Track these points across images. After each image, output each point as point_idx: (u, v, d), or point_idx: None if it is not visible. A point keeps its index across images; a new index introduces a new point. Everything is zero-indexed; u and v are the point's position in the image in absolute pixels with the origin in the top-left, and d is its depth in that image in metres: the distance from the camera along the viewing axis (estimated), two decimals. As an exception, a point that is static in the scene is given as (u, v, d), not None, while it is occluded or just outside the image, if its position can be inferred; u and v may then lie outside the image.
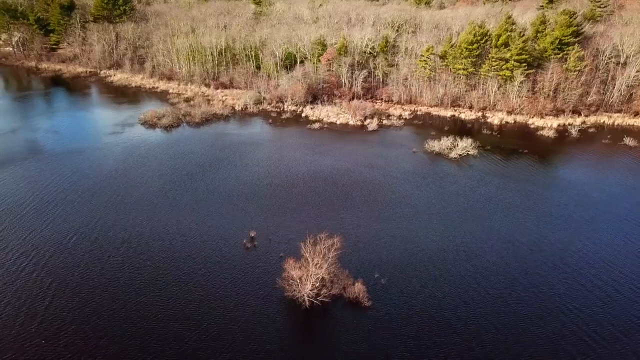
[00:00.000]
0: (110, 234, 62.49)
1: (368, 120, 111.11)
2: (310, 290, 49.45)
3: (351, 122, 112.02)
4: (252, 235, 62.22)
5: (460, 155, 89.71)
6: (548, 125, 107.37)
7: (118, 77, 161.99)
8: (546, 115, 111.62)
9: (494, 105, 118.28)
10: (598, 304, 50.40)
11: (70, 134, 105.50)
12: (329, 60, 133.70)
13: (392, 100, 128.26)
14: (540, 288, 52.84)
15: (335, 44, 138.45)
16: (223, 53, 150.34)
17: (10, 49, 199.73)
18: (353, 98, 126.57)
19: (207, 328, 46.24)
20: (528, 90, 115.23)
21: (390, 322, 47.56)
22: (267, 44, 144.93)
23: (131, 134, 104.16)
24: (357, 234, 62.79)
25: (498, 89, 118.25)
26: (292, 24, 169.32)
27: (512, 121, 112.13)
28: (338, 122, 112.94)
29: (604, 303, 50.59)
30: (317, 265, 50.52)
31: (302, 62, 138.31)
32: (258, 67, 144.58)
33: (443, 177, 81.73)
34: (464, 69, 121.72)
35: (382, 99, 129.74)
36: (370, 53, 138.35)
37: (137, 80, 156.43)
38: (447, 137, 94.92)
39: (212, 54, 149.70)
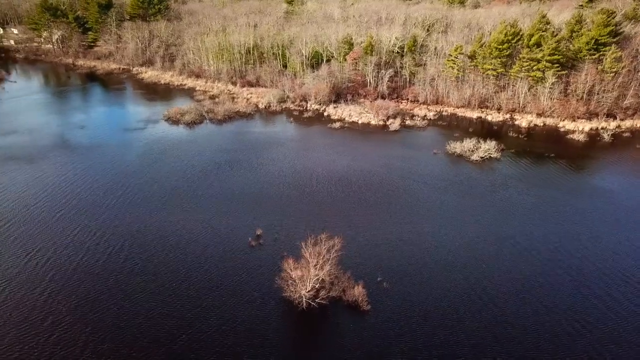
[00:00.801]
0: (116, 229, 62.61)
1: (390, 120, 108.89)
2: (308, 292, 48.21)
3: (373, 122, 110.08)
4: (259, 233, 61.43)
5: (482, 157, 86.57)
6: (579, 128, 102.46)
7: (149, 74, 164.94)
8: (578, 118, 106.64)
9: (524, 107, 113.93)
10: (614, 320, 47.18)
11: (96, 128, 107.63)
12: (355, 59, 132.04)
13: (417, 101, 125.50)
14: (553, 300, 49.87)
15: (362, 43, 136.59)
16: (251, 51, 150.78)
17: (50, 46, 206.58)
18: (378, 98, 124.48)
19: (200, 327, 45.43)
20: (560, 92, 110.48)
21: (388, 329, 45.70)
22: (294, 42, 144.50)
23: (154, 130, 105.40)
24: (366, 236, 61.13)
25: (528, 91, 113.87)
26: (321, 23, 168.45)
27: (541, 124, 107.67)
28: (360, 122, 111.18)
29: (620, 319, 47.32)
30: (317, 266, 49.23)
31: (328, 61, 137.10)
32: (285, 66, 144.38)
33: (462, 180, 78.91)
34: (493, 70, 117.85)
35: (407, 99, 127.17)
36: (397, 52, 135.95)
37: (167, 77, 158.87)
38: (470, 138, 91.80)
39: (239, 52, 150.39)
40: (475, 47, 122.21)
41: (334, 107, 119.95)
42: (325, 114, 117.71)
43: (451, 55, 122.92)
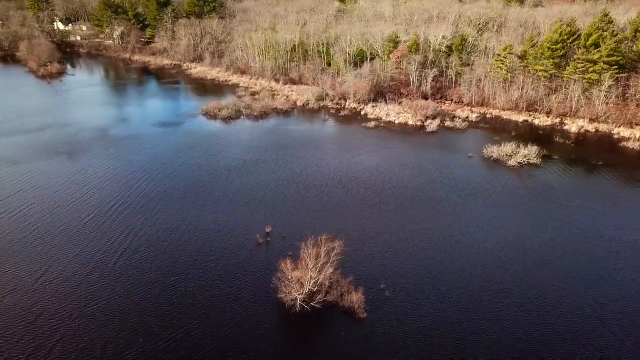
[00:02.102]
0: (125, 221, 62.87)
1: (429, 121, 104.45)
2: (302, 294, 46.06)
3: (410, 122, 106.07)
4: (268, 230, 59.94)
5: (519, 163, 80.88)
6: (636, 136, 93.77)
7: (197, 69, 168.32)
8: (636, 124, 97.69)
9: (576, 111, 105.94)
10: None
11: (137, 120, 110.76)
12: (398, 57, 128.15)
13: (462, 102, 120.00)
14: (573, 329, 45.00)
15: (407, 41, 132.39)
16: (296, 49, 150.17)
17: (111, 41, 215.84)
18: (421, 97, 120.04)
19: (191, 325, 44.21)
20: (617, 96, 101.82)
21: (381, 341, 42.58)
22: (339, 40, 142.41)
23: (190, 123, 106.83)
24: (378, 241, 58.11)
25: (582, 94, 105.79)
26: (371, 21, 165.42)
27: (593, 130, 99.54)
28: (397, 122, 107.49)
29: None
30: (314, 268, 47.03)
31: (372, 59, 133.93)
32: (329, 64, 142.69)
33: (495, 186, 73.85)
34: (544, 71, 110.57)
35: (451, 100, 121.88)
36: (444, 51, 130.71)
37: (214, 73, 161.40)
38: (510, 142, 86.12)
39: (285, 50, 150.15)
40: (526, 47, 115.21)
41: (373, 106, 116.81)
42: (362, 112, 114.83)
43: (500, 55, 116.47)
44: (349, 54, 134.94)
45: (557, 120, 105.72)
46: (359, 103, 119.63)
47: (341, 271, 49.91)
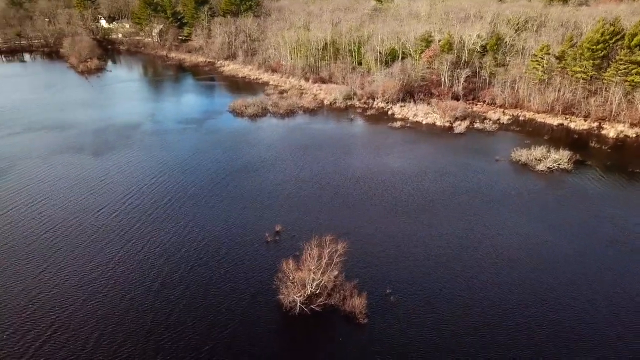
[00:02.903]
0: (135, 215, 62.92)
1: (457, 122, 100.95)
2: (302, 296, 44.60)
3: (438, 123, 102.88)
4: (277, 229, 58.77)
5: (549, 168, 76.77)
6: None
7: (230, 67, 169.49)
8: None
9: (616, 115, 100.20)
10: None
11: (165, 115, 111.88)
12: (430, 57, 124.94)
13: (494, 103, 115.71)
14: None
15: (441, 40, 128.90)
16: (327, 48, 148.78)
17: (150, 39, 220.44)
18: (452, 98, 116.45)
19: (181, 326, 43.55)
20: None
21: (379, 350, 40.52)
22: (371, 39, 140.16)
23: (216, 120, 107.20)
24: (388, 245, 55.93)
25: (623, 97, 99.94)
26: (405, 20, 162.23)
27: (634, 135, 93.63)
28: (424, 122, 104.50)
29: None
30: (316, 270, 45.51)
31: (403, 58, 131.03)
32: (360, 63, 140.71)
33: (521, 192, 70.19)
34: (583, 72, 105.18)
35: (484, 101, 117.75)
36: (478, 51, 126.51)
37: (246, 71, 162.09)
38: (541, 146, 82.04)
39: (316, 48, 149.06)
40: (564, 47, 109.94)
41: (401, 106, 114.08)
42: (390, 112, 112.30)
43: (536, 56, 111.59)
44: (380, 53, 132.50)
45: (595, 124, 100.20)
46: (387, 103, 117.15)
47: (347, 274, 48.31)
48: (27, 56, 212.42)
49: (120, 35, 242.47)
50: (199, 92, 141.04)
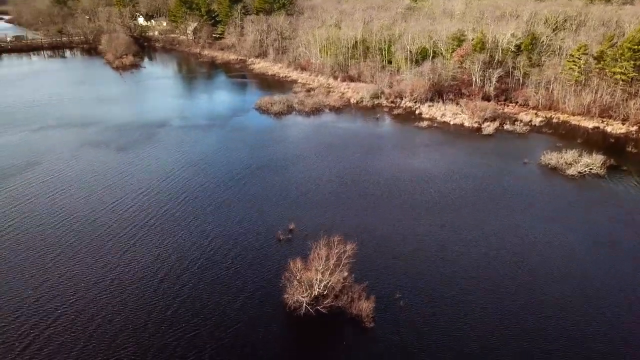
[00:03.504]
0: (147, 210, 62.96)
1: (486, 124, 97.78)
2: (308, 297, 43.46)
3: (466, 124, 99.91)
4: (291, 227, 57.82)
5: (580, 173, 73.19)
6: None
7: (260, 65, 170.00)
8: None
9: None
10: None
11: (192, 112, 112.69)
12: (462, 56, 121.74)
13: (527, 105, 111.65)
14: None
15: (474, 39, 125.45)
16: (357, 46, 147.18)
17: (184, 37, 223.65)
18: (483, 99, 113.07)
19: (185, 326, 43.06)
20: None
21: (385, 356, 39.06)
22: (402, 38, 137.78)
23: (241, 117, 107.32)
24: (403, 248, 54.10)
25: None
26: (439, 18, 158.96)
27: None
28: (452, 123, 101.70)
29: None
30: (325, 271, 44.31)
31: (434, 57, 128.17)
32: (390, 62, 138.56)
33: (549, 197, 67.06)
34: (623, 74, 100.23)
35: (516, 102, 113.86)
36: (512, 51, 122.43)
37: (275, 69, 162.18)
38: (573, 150, 78.41)
39: (346, 47, 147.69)
40: (604, 47, 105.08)
41: (429, 106, 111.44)
42: (417, 112, 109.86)
43: (573, 56, 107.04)
44: (410, 51, 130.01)
45: (634, 128, 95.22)
46: (415, 102, 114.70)
47: (357, 275, 46.92)
48: (67, 52, 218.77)
49: (156, 33, 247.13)
50: (227, 89, 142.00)
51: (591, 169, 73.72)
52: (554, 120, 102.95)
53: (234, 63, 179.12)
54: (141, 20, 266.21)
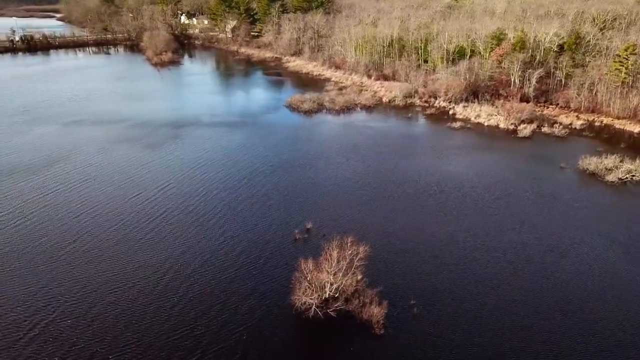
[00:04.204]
0: (164, 205, 62.98)
1: (522, 126, 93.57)
2: (317, 299, 41.95)
3: (502, 125, 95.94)
4: (308, 227, 56.47)
5: (620, 179, 68.69)
6: None
7: (295, 63, 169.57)
8: None
9: None
10: None
11: (223, 108, 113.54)
12: (500, 55, 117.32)
13: (568, 107, 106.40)
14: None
15: (513, 38, 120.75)
16: (393, 44, 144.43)
17: (223, 35, 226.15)
18: (521, 100, 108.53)
19: (192, 325, 42.34)
20: None
21: (394, 362, 37.28)
22: (438, 36, 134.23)
23: (271, 115, 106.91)
24: (424, 254, 51.62)
25: None
26: (479, 17, 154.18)
27: None
28: (486, 124, 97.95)
29: None
30: (336, 273, 42.73)
31: (471, 56, 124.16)
32: (426, 61, 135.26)
33: (585, 205, 63.12)
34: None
35: (556, 104, 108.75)
36: (555, 51, 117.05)
37: (310, 67, 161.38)
38: (615, 155, 73.83)
39: (381, 45, 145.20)
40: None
41: (464, 106, 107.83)
42: (451, 112, 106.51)
43: (619, 56, 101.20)
44: (447, 50, 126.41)
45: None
46: (449, 102, 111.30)
47: (371, 279, 45.11)
48: (111, 49, 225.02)
49: (197, 31, 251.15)
50: (259, 86, 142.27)
51: (633, 175, 69.11)
52: (597, 124, 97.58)
53: (270, 61, 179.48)
54: (183, 18, 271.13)
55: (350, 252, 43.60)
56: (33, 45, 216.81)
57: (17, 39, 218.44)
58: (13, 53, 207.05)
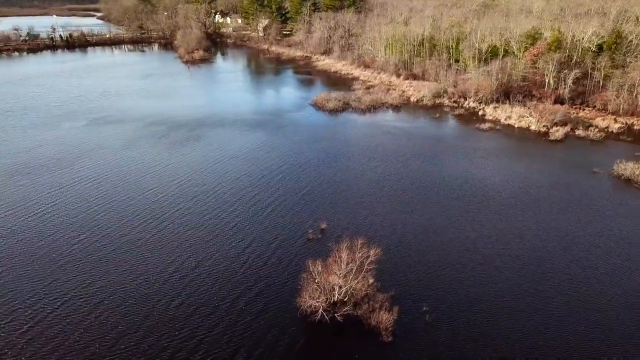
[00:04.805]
0: (180, 201, 62.70)
1: (555, 128, 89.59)
2: (325, 303, 40.50)
3: (533, 127, 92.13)
4: (323, 227, 55.08)
5: (659, 186, 64.68)
6: None
7: (324, 62, 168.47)
8: None
9: None
10: None
11: (248, 106, 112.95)
12: (535, 55, 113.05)
13: (606, 109, 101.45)
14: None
15: (548, 37, 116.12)
16: (424, 43, 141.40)
17: (255, 33, 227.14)
18: (555, 101, 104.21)
19: (196, 327, 41.53)
20: None
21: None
22: (471, 35, 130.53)
23: (295, 113, 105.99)
24: (442, 260, 49.26)
25: None
26: (515, 16, 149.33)
27: None
28: (516, 126, 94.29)
29: None
30: (346, 275, 41.19)
31: (504, 56, 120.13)
32: (457, 61, 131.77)
33: (618, 213, 59.37)
34: None
35: (593, 106, 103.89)
36: (593, 51, 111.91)
37: (339, 66, 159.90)
38: (654, 160, 69.74)
39: (412, 44, 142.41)
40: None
41: (494, 107, 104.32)
42: (480, 113, 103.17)
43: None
44: (479, 50, 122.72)
45: None
46: (479, 103, 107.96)
47: (383, 284, 43.56)
48: (146, 47, 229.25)
49: (230, 29, 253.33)
50: (286, 85, 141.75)
51: (672, 183, 64.94)
52: (636, 127, 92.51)
53: (299, 60, 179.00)
54: (218, 17, 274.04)
55: (360, 254, 42.06)
56: (71, 43, 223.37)
57: (56, 36, 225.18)
58: (53, 50, 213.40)
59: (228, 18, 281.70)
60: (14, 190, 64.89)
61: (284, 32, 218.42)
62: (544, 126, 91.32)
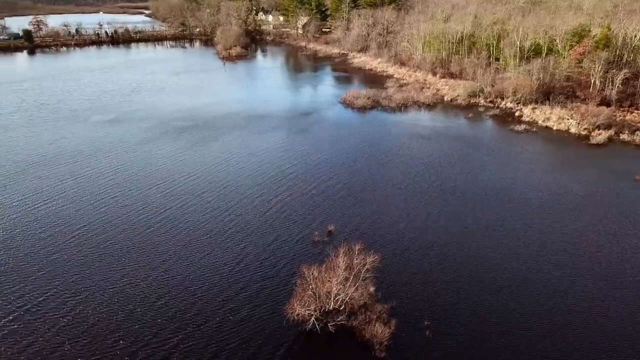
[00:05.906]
0: (188, 198, 61.33)
1: (597, 131, 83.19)
2: (317, 311, 37.84)
3: (573, 130, 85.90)
4: (330, 229, 52.37)
5: None
6: None
7: (361, 59, 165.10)
8: None
9: None
10: None
11: (276, 103, 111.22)
12: (581, 54, 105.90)
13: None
14: None
15: (596, 35, 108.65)
16: (463, 41, 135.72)
17: (294, 31, 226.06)
18: (601, 103, 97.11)
19: (184, 330, 39.83)
20: None
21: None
22: (513, 32, 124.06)
23: (323, 111, 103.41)
24: (455, 271, 45.52)
25: None
26: (562, 13, 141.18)
27: None
28: (555, 128, 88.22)
29: None
30: (343, 283, 38.41)
31: (547, 54, 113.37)
32: (497, 59, 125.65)
33: (660, 224, 53.99)
34: None
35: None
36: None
37: (374, 63, 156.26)
38: None
39: (450, 42, 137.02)
40: None
41: (532, 108, 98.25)
42: (517, 114, 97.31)
43: None
44: (520, 48, 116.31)
45: None
46: (517, 103, 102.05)
47: (385, 293, 40.88)
48: (187, 43, 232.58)
49: (271, 27, 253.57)
50: (318, 82, 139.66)
51: None
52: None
53: (335, 57, 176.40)
54: (261, 14, 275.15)
55: (358, 260, 39.22)
56: (116, 39, 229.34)
57: (102, 33, 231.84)
58: (98, 46, 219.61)
59: (270, 15, 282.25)
60: (26, 181, 65.70)
61: (323, 30, 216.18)
62: (584, 129, 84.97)
